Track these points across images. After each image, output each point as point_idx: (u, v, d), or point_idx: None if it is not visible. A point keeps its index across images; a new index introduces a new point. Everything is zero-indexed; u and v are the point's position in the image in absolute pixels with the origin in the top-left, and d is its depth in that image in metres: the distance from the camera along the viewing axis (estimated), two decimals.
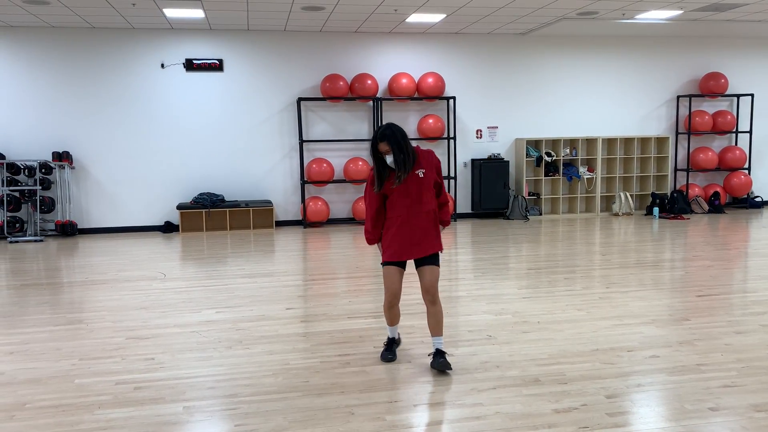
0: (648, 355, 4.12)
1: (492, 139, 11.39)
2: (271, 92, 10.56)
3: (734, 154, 11.83)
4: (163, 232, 10.28)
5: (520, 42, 11.24)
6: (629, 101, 11.76)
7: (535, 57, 11.33)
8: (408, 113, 11.06)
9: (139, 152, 10.28)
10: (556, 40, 11.34)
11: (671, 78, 11.86)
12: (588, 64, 11.53)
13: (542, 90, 11.43)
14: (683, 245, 8.43)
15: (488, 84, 11.24)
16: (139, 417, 3.32)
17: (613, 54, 11.58)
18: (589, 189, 11.63)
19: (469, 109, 11.24)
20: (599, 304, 5.43)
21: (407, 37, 10.89)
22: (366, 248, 8.58)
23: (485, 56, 11.18)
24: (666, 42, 11.73)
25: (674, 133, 11.98)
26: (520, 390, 3.58)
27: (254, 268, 7.26)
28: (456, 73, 11.08)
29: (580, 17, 9.61)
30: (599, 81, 11.60)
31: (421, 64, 10.94)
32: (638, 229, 9.82)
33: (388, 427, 3.16)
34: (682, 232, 9.49)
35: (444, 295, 5.82)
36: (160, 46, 10.17)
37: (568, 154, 11.49)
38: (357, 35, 10.71)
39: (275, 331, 4.80)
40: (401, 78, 10.63)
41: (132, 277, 6.82)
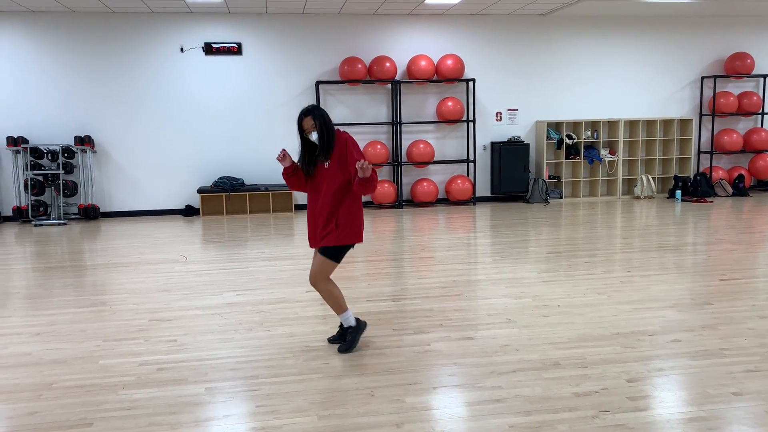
0: (670, 339, 4.08)
1: (512, 122, 11.28)
2: (289, 75, 10.54)
3: (760, 136, 11.60)
4: (184, 215, 10.37)
5: (540, 23, 11.09)
6: (652, 83, 11.57)
7: (556, 38, 11.17)
8: (427, 96, 10.99)
9: (160, 136, 10.35)
10: (578, 20, 11.16)
11: (695, 58, 11.63)
12: (610, 45, 11.34)
13: (563, 72, 11.28)
14: (706, 229, 8.31)
15: (508, 66, 11.11)
16: (162, 397, 3.37)
17: (636, 34, 11.38)
18: (611, 172, 11.50)
19: (488, 92, 11.14)
20: (620, 287, 5.38)
21: (426, 18, 10.78)
22: (384, 231, 8.59)
23: (505, 37, 11.04)
24: (690, 22, 11.48)
25: (698, 115, 11.77)
26: (540, 373, 3.57)
27: (274, 251, 7.31)
28: (476, 55, 10.97)
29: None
30: (621, 62, 11.41)
31: (440, 46, 10.84)
32: (660, 213, 9.70)
33: (407, 408, 3.17)
34: (705, 215, 9.35)
35: (463, 279, 5.81)
36: (179, 30, 10.19)
37: (590, 136, 11.35)
38: (375, 17, 10.63)
39: (295, 313, 4.83)
40: (420, 60, 10.55)
41: (154, 260, 6.90)
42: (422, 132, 11.03)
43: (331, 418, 3.09)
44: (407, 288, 5.56)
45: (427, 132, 11.06)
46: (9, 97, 9.89)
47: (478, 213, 10.08)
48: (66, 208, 10.07)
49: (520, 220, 9.23)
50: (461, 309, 4.86)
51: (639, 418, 3.01)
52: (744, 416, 3.01)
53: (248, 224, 9.36)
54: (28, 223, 9.79)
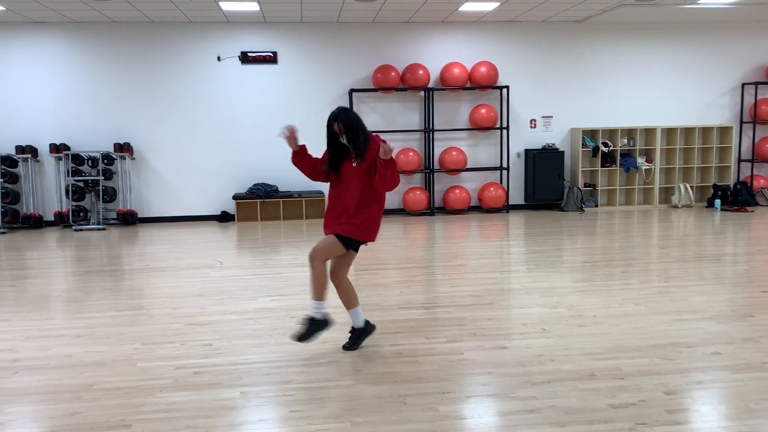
0: (709, 351, 3.99)
1: (546, 129, 11.19)
2: (323, 84, 10.64)
3: None
4: (220, 221, 10.52)
5: (576, 29, 10.99)
6: (690, 90, 11.36)
7: (591, 45, 11.05)
8: (460, 103, 10.97)
9: (197, 143, 10.53)
10: (614, 27, 11.03)
11: (735, 65, 11.39)
12: (647, 52, 11.18)
13: (599, 78, 11.15)
14: (746, 239, 8.11)
15: (543, 73, 11.03)
16: (198, 401, 3.42)
17: (674, 41, 11.19)
18: (648, 180, 11.31)
19: (522, 99, 11.07)
20: (657, 298, 5.28)
21: (460, 26, 10.78)
22: (416, 239, 8.58)
23: (540, 44, 10.97)
24: (730, 27, 11.25)
25: (738, 123, 11.51)
26: (575, 384, 3.53)
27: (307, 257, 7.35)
28: (510, 62, 10.92)
29: (639, 3, 9.32)
30: (659, 69, 11.23)
31: (473, 53, 10.82)
32: (699, 222, 9.50)
33: (440, 417, 3.16)
34: (746, 225, 9.13)
35: (496, 288, 5.77)
36: (216, 39, 10.37)
37: (626, 144, 11.19)
38: (409, 25, 10.67)
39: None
40: (453, 67, 10.55)
41: (190, 265, 7.01)
42: (455, 139, 11.01)
43: (364, 425, 3.10)
44: (439, 296, 5.55)
45: (460, 139, 11.04)
46: (52, 105, 10.18)
47: (511, 221, 10.01)
48: (105, 214, 10.31)
49: (554, 229, 9.13)
50: (494, 318, 4.83)
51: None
52: None
53: (282, 230, 9.45)
54: (69, 227, 10.05)
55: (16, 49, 10.01)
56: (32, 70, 10.08)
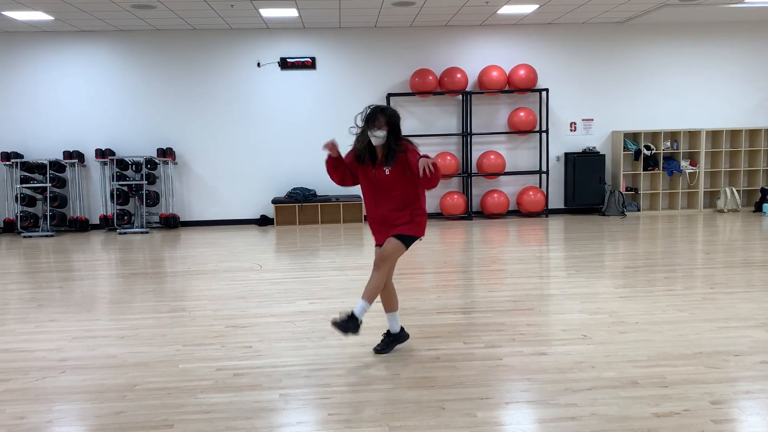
0: (758, 360, 3.87)
1: (587, 132, 11.03)
2: (361, 88, 10.69)
3: None
4: (259, 225, 10.66)
5: (617, 31, 10.81)
6: (736, 91, 11.05)
7: (633, 46, 10.85)
8: (498, 106, 10.90)
9: (237, 148, 10.70)
10: (657, 28, 10.81)
11: None
12: (691, 53, 10.92)
13: (641, 80, 10.94)
14: None
15: (583, 75, 10.87)
16: (238, 402, 3.47)
17: (719, 41, 10.91)
18: (692, 184, 11.04)
19: (562, 102, 10.93)
20: (702, 305, 5.15)
21: (498, 29, 10.71)
22: (454, 243, 8.55)
23: (580, 46, 10.82)
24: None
25: None
26: (617, 392, 3.46)
27: (345, 260, 7.40)
28: (549, 65, 10.80)
29: (683, 3, 9.11)
30: (703, 70, 10.96)
31: (512, 56, 10.74)
32: (745, 227, 9.23)
33: (479, 423, 3.14)
34: None
35: (535, 293, 5.71)
36: (256, 46, 10.53)
37: (669, 147, 10.94)
38: (447, 29, 10.65)
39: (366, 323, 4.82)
40: (491, 71, 10.48)
41: (230, 268, 7.12)
42: (493, 143, 10.94)
43: (402, 430, 3.09)
44: (477, 301, 5.51)
45: (498, 143, 10.95)
46: (98, 112, 10.47)
47: (550, 225, 9.89)
48: (148, 217, 10.54)
49: (595, 234, 8.98)
50: (534, 324, 4.77)
51: None
52: None
53: (320, 234, 9.52)
54: (113, 231, 10.31)
55: (65, 58, 10.33)
56: (79, 78, 10.39)
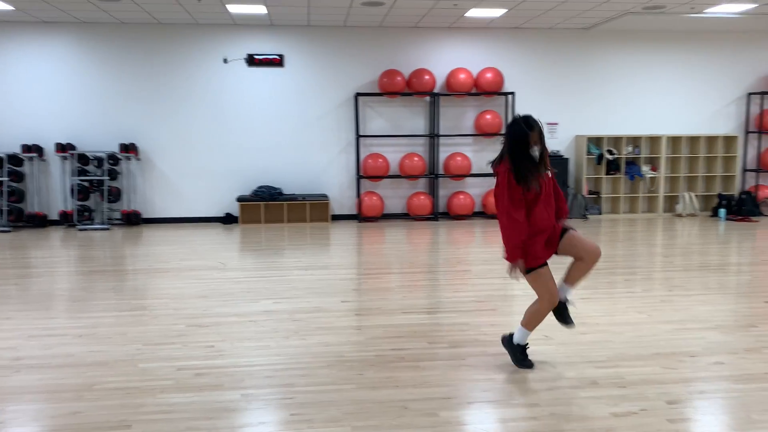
0: (712, 361, 3.98)
1: (551, 136, 11.18)
2: (329, 87, 10.66)
3: None
4: (224, 223, 10.54)
5: (583, 37, 10.99)
6: (696, 99, 11.34)
7: (598, 52, 11.05)
8: (465, 109, 10.98)
9: (202, 145, 10.56)
10: (621, 35, 11.03)
11: (742, 75, 11.37)
12: (653, 60, 11.17)
13: (605, 86, 11.15)
14: (751, 249, 8.09)
15: (549, 80, 11.03)
16: (199, 402, 3.42)
17: (680, 50, 11.19)
18: (652, 188, 11.29)
19: (528, 105, 11.04)
20: (661, 307, 5.27)
21: (466, 32, 10.80)
22: (420, 244, 8.58)
23: (546, 51, 10.97)
24: (736, 37, 11.24)
25: (744, 132, 11.49)
26: (576, 392, 3.52)
27: (311, 260, 7.37)
28: (515, 69, 10.92)
29: (647, 11, 9.32)
30: (665, 78, 11.22)
31: (479, 59, 10.83)
32: (703, 231, 9.48)
33: (441, 423, 3.16)
34: (750, 235, 9.10)
35: (499, 294, 5.77)
36: (222, 42, 10.41)
37: (631, 152, 11.17)
38: (416, 30, 10.69)
39: (330, 323, 4.86)
40: (459, 73, 10.56)
41: (193, 267, 7.02)
42: (460, 145, 11.02)
43: (365, 429, 3.09)
44: (442, 301, 5.54)
45: (465, 145, 11.04)
46: (59, 105, 10.22)
47: None
48: (109, 214, 10.33)
49: None
50: (497, 324, 4.82)
51: None
52: None
53: (285, 233, 9.46)
54: (73, 227, 10.07)
55: (25, 49, 10.06)
56: (40, 70, 10.13)
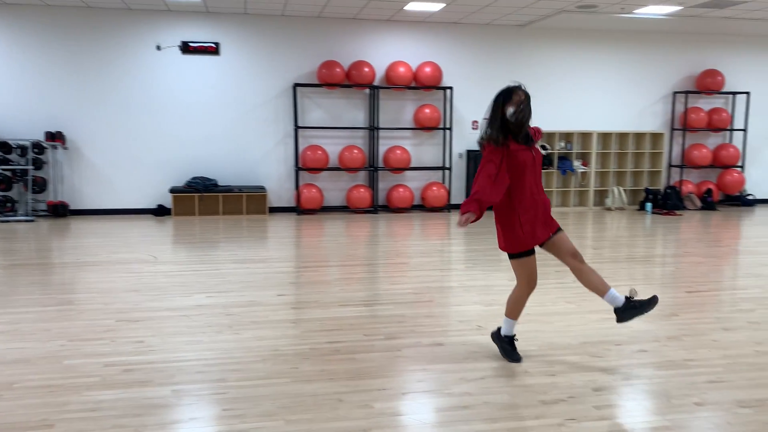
0: (636, 349, 4.14)
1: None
2: (267, 77, 10.50)
3: (728, 152, 11.86)
4: (156, 215, 10.25)
5: (519, 34, 11.21)
6: (626, 96, 11.76)
7: (533, 49, 11.30)
8: (405, 102, 11.03)
9: (133, 134, 10.22)
10: (555, 33, 11.31)
11: (668, 74, 11.86)
12: (586, 58, 11.51)
13: (539, 82, 11.40)
14: (675, 241, 8.46)
15: (486, 75, 11.20)
16: (127, 399, 3.32)
17: (612, 48, 11.57)
18: (583, 183, 11.65)
19: (466, 100, 11.21)
20: (589, 297, 5.42)
21: (406, 25, 10.83)
22: (359, 236, 8.59)
23: (484, 47, 11.14)
24: (664, 38, 11.71)
25: (669, 130, 12.00)
26: (508, 380, 3.60)
27: (246, 253, 7.25)
28: (454, 63, 11.04)
29: (579, 10, 9.58)
30: (597, 75, 11.58)
31: (419, 53, 10.89)
32: (630, 224, 9.86)
33: (376, 414, 3.17)
34: (674, 228, 9.52)
35: (436, 285, 5.83)
36: (156, 28, 10.09)
37: (563, 147, 11.49)
38: (355, 22, 10.65)
39: (266, 317, 4.80)
40: (399, 66, 10.59)
41: (123, 260, 6.80)
42: (399, 138, 11.06)
43: (299, 423, 3.07)
44: (380, 293, 5.56)
45: (404, 138, 11.09)
46: None
47: (452, 220, 10.13)
48: (34, 205, 9.87)
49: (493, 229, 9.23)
50: (433, 315, 4.87)
51: (604, 427, 3.05)
52: (706, 426, 3.07)
53: (221, 226, 9.28)
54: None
55: None
56: None
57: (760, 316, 4.89)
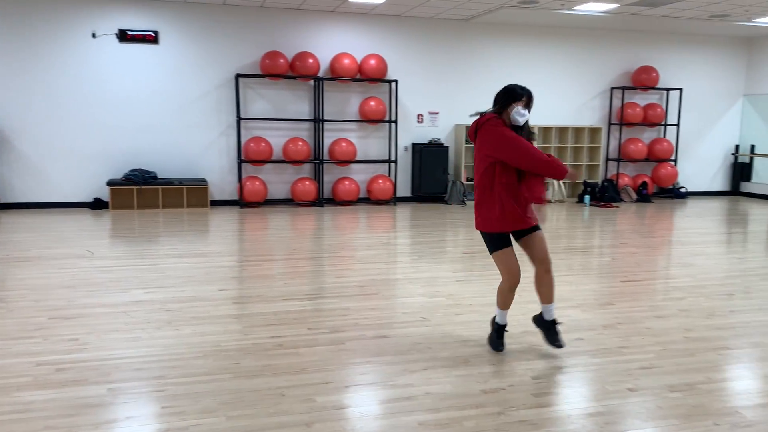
0: (574, 337, 4.26)
1: (433, 124, 11.46)
2: (208, 67, 10.27)
3: (662, 146, 12.31)
4: (92, 208, 9.90)
5: (462, 28, 11.32)
6: (566, 91, 12.04)
7: (476, 44, 11.43)
8: (350, 94, 10.99)
9: (68, 125, 9.84)
10: (498, 27, 11.47)
11: (606, 70, 12.20)
12: (527, 53, 11.72)
13: (482, 77, 11.55)
14: (611, 232, 8.73)
15: (430, 69, 11.27)
16: (60, 399, 3.20)
17: (552, 44, 11.81)
18: None
19: (411, 93, 11.26)
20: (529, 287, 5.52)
21: (350, 17, 10.78)
22: (304, 230, 8.53)
23: (428, 41, 11.20)
24: (602, 34, 12.04)
25: (607, 124, 12.35)
26: (450, 371, 3.64)
27: (187, 248, 7.10)
28: (399, 57, 11.06)
29: (521, 6, 9.74)
30: (538, 70, 11.81)
31: (363, 45, 10.87)
32: (569, 216, 10.12)
33: (318, 408, 3.16)
34: (611, 219, 9.83)
35: (381, 278, 5.84)
36: (91, 15, 9.72)
37: None
38: (299, 12, 10.53)
39: (207, 312, 4.71)
40: (343, 58, 10.53)
41: (57, 255, 6.55)
42: (345, 130, 11.02)
43: (240, 419, 3.03)
44: (325, 287, 5.54)
45: (350, 131, 11.06)
46: None
47: (398, 213, 10.18)
48: None
49: (438, 221, 9.38)
50: (378, 308, 4.89)
51: (542, 414, 3.13)
52: (638, 411, 3.18)
53: (160, 219, 9.05)
54: None
55: None
56: None
57: (690, 304, 5.10)
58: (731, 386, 3.52)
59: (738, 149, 13.12)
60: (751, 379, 3.63)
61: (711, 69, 12.73)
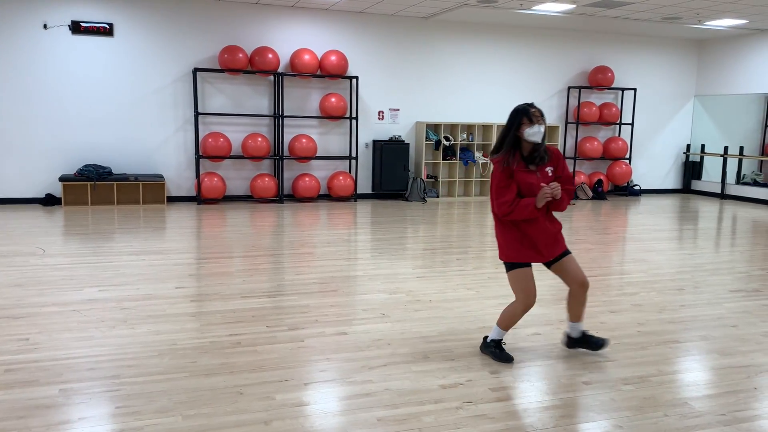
0: (531, 332, 4.33)
1: (393, 121, 11.48)
2: (165, 61, 10.08)
3: (617, 145, 12.60)
4: (44, 204, 9.62)
5: (422, 25, 11.36)
6: (524, 90, 12.20)
7: (436, 42, 11.49)
8: (310, 90, 10.92)
9: (18, 119, 9.53)
10: (458, 26, 11.55)
11: (563, 69, 12.41)
12: (487, 52, 11.84)
13: (443, 75, 11.63)
14: (568, 229, 8.90)
15: (391, 66, 11.29)
16: (8, 401, 3.11)
17: (511, 43, 11.96)
18: (484, 173, 12.02)
19: (371, 90, 11.26)
20: (488, 284, 5.63)
21: (311, 12, 10.71)
22: (264, 227, 8.45)
23: (389, 38, 11.21)
24: (560, 34, 12.24)
25: (564, 123, 12.57)
26: (409, 367, 3.66)
27: (143, 245, 6.96)
28: (360, 53, 11.04)
29: (480, 5, 9.83)
30: (497, 68, 11.94)
31: (324, 41, 10.81)
32: None
33: (277, 406, 3.14)
34: (568, 216, 10.01)
35: (341, 275, 5.84)
36: (42, 5, 9.42)
37: (465, 138, 11.79)
38: (258, 7, 10.41)
39: (163, 310, 4.63)
40: (304, 54, 10.46)
41: (7, 253, 6.35)
42: (305, 127, 10.96)
43: (197, 418, 2.99)
44: (284, 284, 5.50)
45: (310, 127, 11.00)
46: None
47: (358, 210, 10.17)
48: None
49: (398, 218, 9.41)
50: (337, 305, 4.88)
51: (499, 408, 3.17)
52: (592, 403, 3.26)
53: (115, 216, 8.85)
54: None
55: None
56: None
57: (643, 299, 5.24)
58: (681, 378, 3.63)
59: (689, 148, 13.52)
60: (700, 371, 3.75)
61: (664, 70, 13.08)
